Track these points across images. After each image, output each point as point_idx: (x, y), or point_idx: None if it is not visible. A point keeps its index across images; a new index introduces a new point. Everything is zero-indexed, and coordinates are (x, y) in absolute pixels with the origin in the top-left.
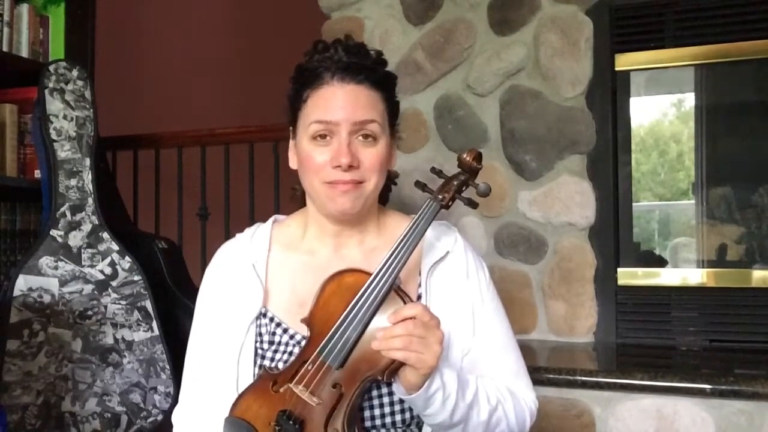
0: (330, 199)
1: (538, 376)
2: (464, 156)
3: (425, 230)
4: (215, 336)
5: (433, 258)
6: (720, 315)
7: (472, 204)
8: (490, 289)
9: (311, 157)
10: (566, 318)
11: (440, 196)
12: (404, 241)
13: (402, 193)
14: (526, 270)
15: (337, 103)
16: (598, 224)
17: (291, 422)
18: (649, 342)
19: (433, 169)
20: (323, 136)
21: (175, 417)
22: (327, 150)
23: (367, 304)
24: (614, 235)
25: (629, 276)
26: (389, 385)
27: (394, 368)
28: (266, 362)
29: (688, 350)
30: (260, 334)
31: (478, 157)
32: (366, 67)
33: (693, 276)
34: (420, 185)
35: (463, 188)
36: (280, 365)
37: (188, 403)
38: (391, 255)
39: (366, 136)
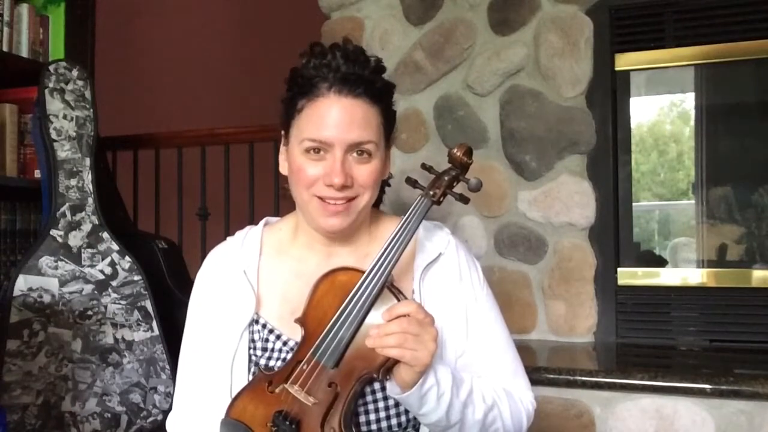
0: (320, 215)
1: (538, 376)
2: (454, 151)
3: (417, 227)
4: (208, 343)
5: (425, 259)
6: (720, 315)
7: (464, 199)
8: (483, 289)
9: (303, 170)
10: (566, 318)
11: (431, 192)
12: (396, 238)
13: (402, 194)
14: (526, 270)
15: (332, 120)
16: (598, 224)
17: (287, 422)
18: (649, 342)
19: (423, 166)
20: (317, 151)
21: (169, 423)
22: (320, 165)
23: (360, 302)
24: (614, 235)
25: (629, 276)
26: (383, 389)
27: (389, 366)
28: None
29: (688, 350)
30: (253, 341)
31: (469, 152)
32: (365, 78)
33: (693, 276)
34: (411, 182)
35: (454, 183)
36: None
37: (182, 409)
38: (384, 252)
39: (361, 153)
